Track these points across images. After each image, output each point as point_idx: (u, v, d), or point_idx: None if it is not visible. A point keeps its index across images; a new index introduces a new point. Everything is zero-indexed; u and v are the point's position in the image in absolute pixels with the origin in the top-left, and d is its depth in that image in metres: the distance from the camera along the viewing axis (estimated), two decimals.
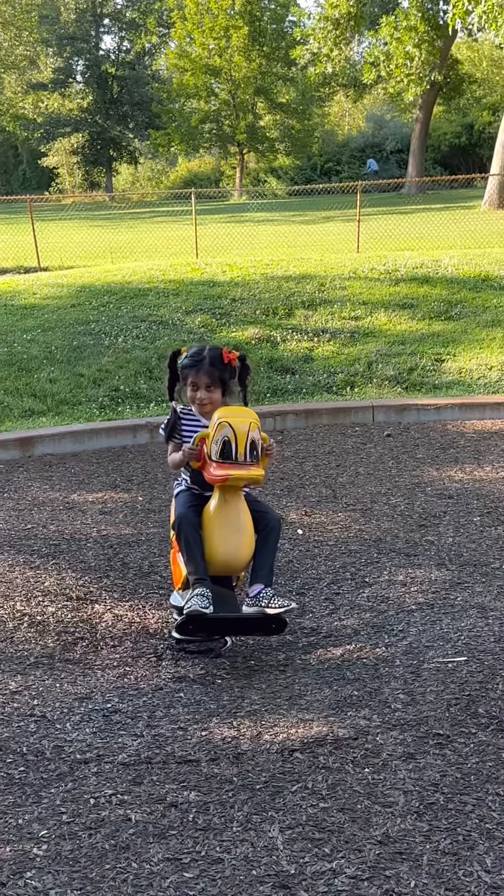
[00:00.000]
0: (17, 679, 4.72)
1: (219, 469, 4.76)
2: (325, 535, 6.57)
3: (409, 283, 13.42)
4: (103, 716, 4.36)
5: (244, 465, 4.77)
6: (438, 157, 55.03)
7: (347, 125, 68.90)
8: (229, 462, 4.76)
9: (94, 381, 10.36)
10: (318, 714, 4.28)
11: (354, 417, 9.49)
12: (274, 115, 59.58)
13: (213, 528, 4.86)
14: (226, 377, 5.11)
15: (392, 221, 24.86)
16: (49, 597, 5.67)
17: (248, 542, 4.88)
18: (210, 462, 4.82)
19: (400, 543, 6.36)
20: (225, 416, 4.79)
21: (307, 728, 4.16)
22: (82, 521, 6.97)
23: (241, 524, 4.86)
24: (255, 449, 4.81)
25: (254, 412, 4.95)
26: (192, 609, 4.70)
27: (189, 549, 4.85)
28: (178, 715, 4.35)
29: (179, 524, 4.88)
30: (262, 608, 4.84)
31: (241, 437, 4.75)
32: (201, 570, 4.83)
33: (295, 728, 4.17)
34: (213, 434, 4.78)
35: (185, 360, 5.14)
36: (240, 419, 4.79)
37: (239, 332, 11.65)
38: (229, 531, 4.84)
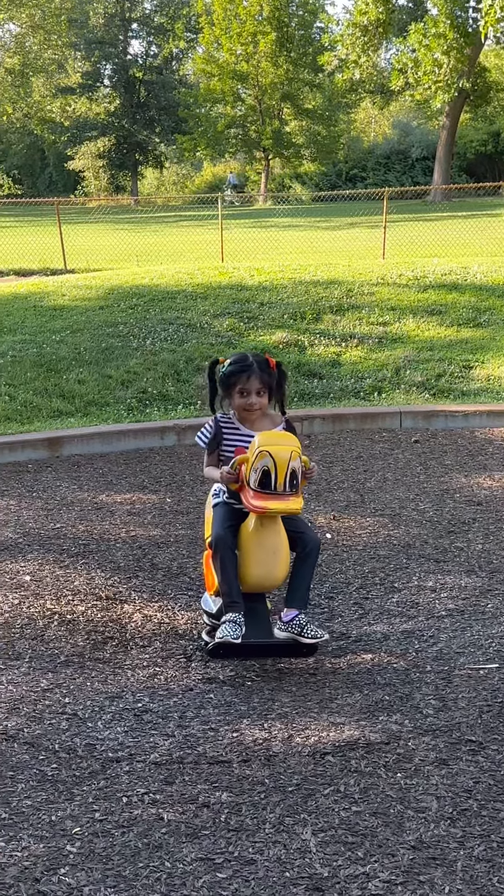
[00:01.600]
0: (49, 677, 4.74)
1: (257, 499, 4.70)
2: (354, 540, 6.56)
3: (438, 290, 13.39)
4: (134, 715, 4.37)
5: (283, 496, 4.70)
6: (464, 164, 54.94)
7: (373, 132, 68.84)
8: (268, 492, 4.70)
9: (122, 382, 10.39)
10: (349, 718, 4.28)
11: (382, 423, 9.48)
12: (300, 121, 59.63)
13: (249, 550, 4.83)
14: (272, 382, 5.10)
15: (417, 229, 24.84)
16: (79, 596, 5.69)
17: (282, 565, 4.86)
18: (248, 489, 4.78)
19: (429, 549, 6.35)
20: (265, 445, 4.71)
21: (338, 732, 4.16)
22: (111, 522, 6.98)
23: (276, 547, 4.83)
24: (296, 478, 4.74)
25: (295, 439, 4.88)
26: (224, 639, 4.72)
27: (224, 571, 4.84)
28: (209, 716, 4.35)
29: (216, 545, 4.86)
30: (295, 636, 4.85)
31: (281, 467, 4.68)
32: (235, 593, 4.83)
33: (326, 731, 4.17)
34: (253, 461, 4.73)
35: (229, 367, 5.07)
36: (280, 448, 4.71)
37: (266, 336, 11.65)
38: (264, 554, 4.82)
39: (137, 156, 68.25)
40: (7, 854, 3.38)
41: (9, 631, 5.24)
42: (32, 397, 9.97)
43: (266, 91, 56.66)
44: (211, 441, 5.16)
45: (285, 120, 59.90)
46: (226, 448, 5.13)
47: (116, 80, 67.65)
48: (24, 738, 4.15)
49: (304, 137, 59.45)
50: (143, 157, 69.12)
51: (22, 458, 8.70)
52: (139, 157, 68.67)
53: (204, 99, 58.45)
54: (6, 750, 4.06)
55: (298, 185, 57.43)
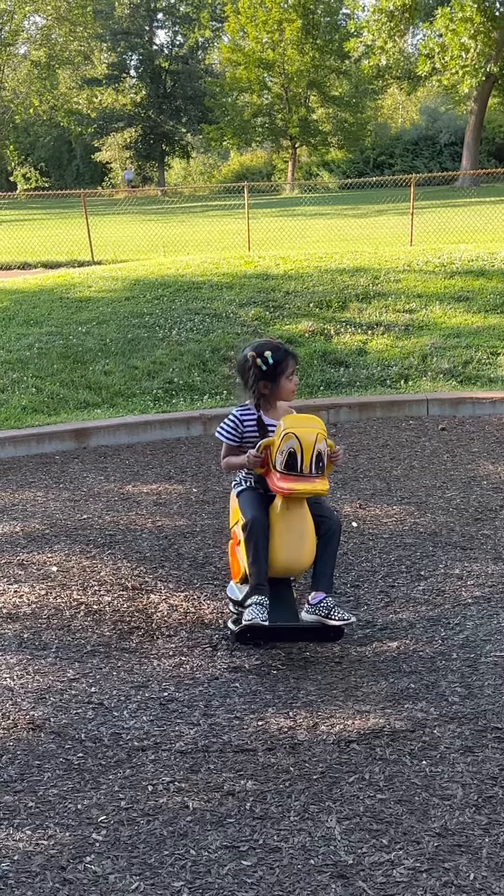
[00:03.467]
0: (75, 667, 4.76)
1: (283, 481, 4.72)
2: (380, 528, 6.55)
3: (465, 276, 13.31)
4: (160, 704, 4.39)
5: (309, 477, 4.72)
6: (493, 149, 54.59)
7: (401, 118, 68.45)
8: (294, 475, 4.72)
9: (149, 373, 10.40)
10: (375, 706, 4.28)
11: (408, 411, 9.44)
12: (327, 109, 59.45)
13: (276, 534, 4.84)
14: None
15: (446, 214, 24.70)
16: (105, 586, 5.71)
17: (309, 548, 4.87)
18: (275, 472, 4.79)
19: (456, 537, 6.33)
20: (291, 427, 4.73)
21: (364, 720, 4.16)
22: (137, 512, 7.00)
23: (303, 531, 4.84)
24: (321, 461, 4.77)
25: (320, 421, 4.89)
26: (252, 621, 4.72)
27: (257, 555, 4.83)
28: (234, 705, 4.36)
29: (252, 527, 4.84)
30: (322, 618, 4.85)
31: (307, 449, 4.70)
32: (263, 576, 4.83)
33: (351, 719, 4.16)
34: (279, 444, 4.74)
35: (278, 353, 5.03)
36: (306, 430, 4.73)
37: (292, 325, 11.63)
38: (292, 537, 4.83)
39: (164, 146, 68.34)
40: (33, 842, 3.41)
41: (36, 621, 5.27)
42: (59, 389, 10.01)
43: (292, 79, 56.53)
44: (234, 436, 5.16)
45: (312, 107, 59.73)
46: (249, 439, 5.13)
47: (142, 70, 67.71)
48: (50, 728, 4.17)
49: (330, 125, 59.30)
50: (170, 147, 69.18)
51: (49, 449, 8.73)
52: (166, 147, 68.74)
53: (230, 88, 58.43)
54: (33, 739, 4.09)
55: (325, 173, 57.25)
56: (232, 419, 5.19)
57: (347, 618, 4.85)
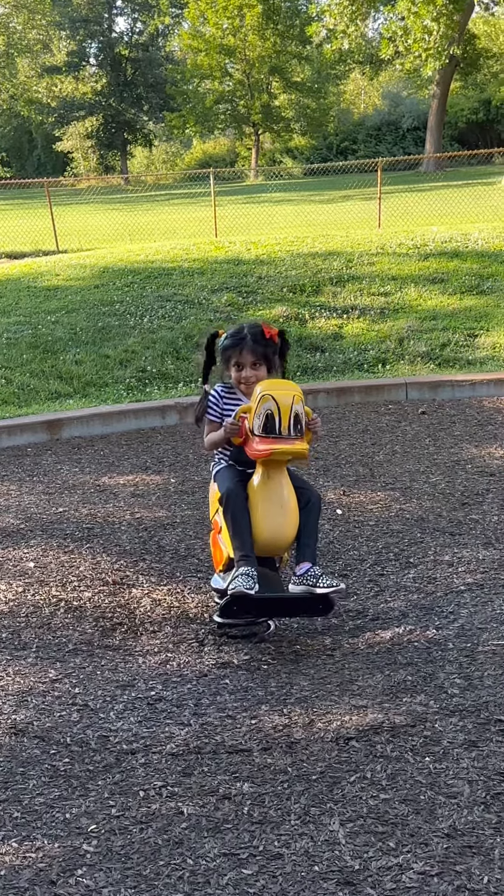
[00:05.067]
0: (57, 667, 4.57)
1: (262, 443, 4.58)
2: (366, 515, 6.38)
3: (439, 258, 13.16)
4: (147, 704, 4.21)
5: (288, 438, 4.58)
6: (455, 133, 54.48)
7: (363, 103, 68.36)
8: (273, 436, 4.57)
9: (121, 361, 10.18)
10: (372, 700, 4.11)
11: (387, 395, 9.29)
12: (289, 95, 59.27)
13: (257, 506, 4.68)
14: (269, 353, 4.96)
15: (412, 199, 24.54)
16: (85, 582, 5.52)
17: (292, 520, 4.70)
18: (253, 437, 4.63)
19: (443, 522, 6.18)
20: (267, 389, 4.60)
21: (361, 715, 3.99)
22: (114, 504, 6.81)
23: (285, 501, 4.68)
24: (300, 423, 4.62)
25: (296, 385, 4.76)
26: (236, 589, 4.52)
27: (236, 525, 4.67)
28: (226, 702, 4.19)
29: (227, 499, 4.69)
30: (309, 587, 4.66)
31: (284, 410, 4.56)
32: (248, 547, 4.66)
33: (348, 715, 4.00)
34: (256, 407, 4.60)
35: (225, 340, 4.99)
36: (283, 392, 4.60)
37: (266, 311, 11.44)
38: (273, 509, 4.66)
39: (126, 135, 67.81)
40: (21, 855, 3.22)
41: (14, 620, 5.07)
42: (29, 379, 9.77)
43: (254, 65, 56.26)
44: (215, 412, 5.01)
45: (274, 94, 59.53)
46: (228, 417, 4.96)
47: (102, 58, 67.13)
48: (34, 732, 3.98)
49: (293, 111, 59.11)
50: (132, 135, 68.66)
51: (21, 441, 8.51)
52: (128, 136, 68.21)
53: (191, 75, 58.06)
54: (16, 745, 3.90)
55: (289, 160, 57.06)
56: (213, 394, 5.04)
57: (336, 584, 4.66)
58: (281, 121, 58.36)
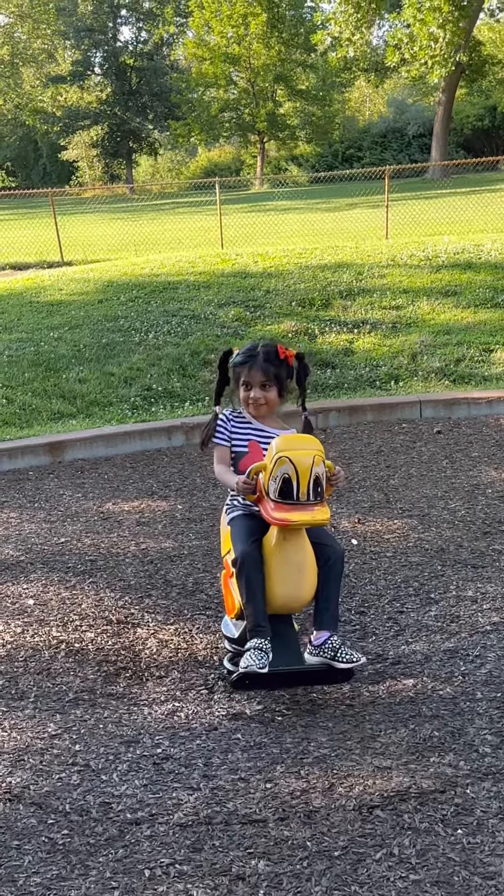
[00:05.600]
0: (57, 720, 4.26)
1: (278, 511, 4.19)
2: (382, 546, 6.06)
3: (451, 270, 12.83)
4: (153, 763, 3.89)
5: (307, 505, 4.19)
6: (461, 140, 54.28)
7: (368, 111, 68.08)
8: (290, 503, 4.19)
9: (125, 380, 9.86)
10: (396, 760, 3.79)
11: (401, 413, 8.95)
12: (294, 103, 59.04)
13: (272, 567, 4.32)
14: (282, 374, 4.62)
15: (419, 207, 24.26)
16: (87, 620, 5.21)
17: (309, 582, 4.34)
18: (268, 500, 4.27)
19: (465, 554, 5.85)
20: (284, 450, 4.19)
21: (385, 778, 3.67)
22: (119, 534, 6.49)
23: (302, 563, 4.31)
24: (320, 485, 4.23)
25: (317, 440, 4.33)
26: (248, 668, 4.21)
27: (250, 592, 4.32)
28: (238, 762, 3.87)
29: (242, 563, 4.33)
30: (328, 661, 4.34)
31: (303, 474, 4.16)
32: (261, 615, 4.32)
33: (371, 778, 3.67)
34: (271, 469, 4.21)
35: (236, 357, 4.67)
36: (301, 452, 4.19)
37: (274, 326, 11.12)
38: (289, 571, 4.30)
39: (131, 143, 67.67)
40: None
41: (12, 665, 4.76)
42: (31, 399, 9.46)
43: (259, 73, 56.03)
44: (223, 435, 4.69)
45: (279, 102, 59.29)
46: (238, 443, 4.66)
47: (107, 67, 66.96)
48: (30, 798, 3.67)
49: (298, 119, 58.88)
50: (137, 144, 68.51)
51: (22, 465, 8.19)
52: (133, 144, 68.06)
53: (196, 83, 57.83)
54: (10, 813, 3.58)
55: (294, 168, 56.83)
56: (221, 416, 4.72)
57: (356, 658, 4.34)
58: (286, 128, 58.13)
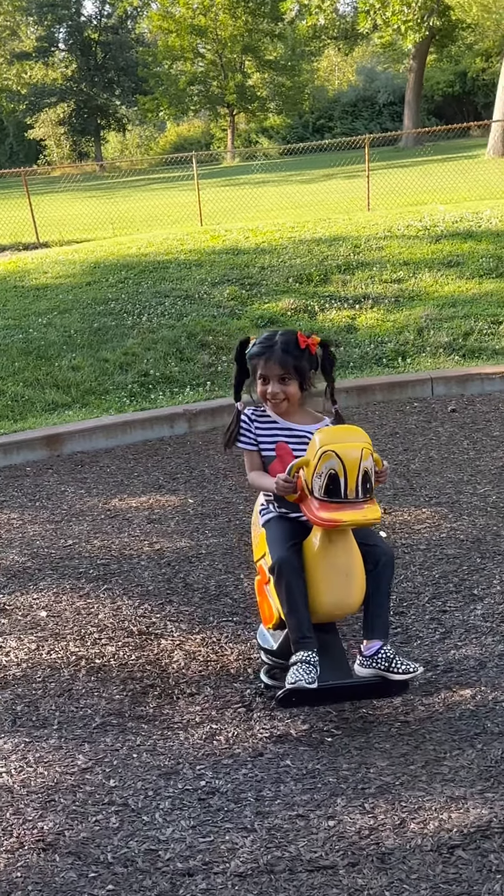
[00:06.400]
0: (86, 750, 3.87)
1: (325, 510, 3.79)
2: (414, 538, 5.68)
3: (451, 240, 12.41)
4: (198, 799, 3.51)
5: (356, 503, 3.79)
6: (432, 107, 53.77)
7: (338, 80, 67.33)
8: (337, 502, 3.78)
9: (121, 366, 9.41)
10: (469, 788, 3.42)
11: (412, 392, 8.57)
12: (263, 74, 58.31)
13: (316, 573, 3.92)
14: (303, 366, 4.17)
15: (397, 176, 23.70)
16: (106, 633, 4.82)
17: (358, 587, 3.94)
18: (312, 499, 3.86)
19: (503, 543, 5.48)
20: (329, 443, 3.79)
21: (461, 811, 3.30)
22: (129, 534, 6.08)
23: (350, 567, 3.91)
24: (368, 481, 3.82)
25: (363, 432, 3.93)
26: (296, 684, 3.82)
27: (292, 601, 3.93)
28: (292, 795, 3.49)
29: (279, 570, 3.94)
30: (381, 672, 3.95)
31: (351, 469, 3.76)
32: (306, 626, 3.93)
33: (446, 811, 3.31)
34: (316, 465, 3.81)
35: (252, 348, 4.24)
36: (348, 445, 3.79)
37: (272, 304, 10.69)
38: (336, 576, 3.90)
39: (99, 120, 66.75)
40: None
41: (30, 687, 4.36)
42: (23, 390, 8.99)
43: (226, 44, 55.30)
44: (249, 438, 4.27)
45: (247, 73, 58.53)
46: (265, 445, 4.24)
47: (72, 43, 65.92)
48: (66, 846, 3.28)
49: (267, 90, 58.16)
50: (105, 121, 67.61)
51: (18, 460, 7.76)
52: (101, 121, 67.14)
53: (163, 57, 57.02)
54: (46, 865, 3.20)
55: (265, 140, 56.17)
56: (244, 418, 4.29)
57: (413, 669, 3.96)
58: (255, 100, 57.41)
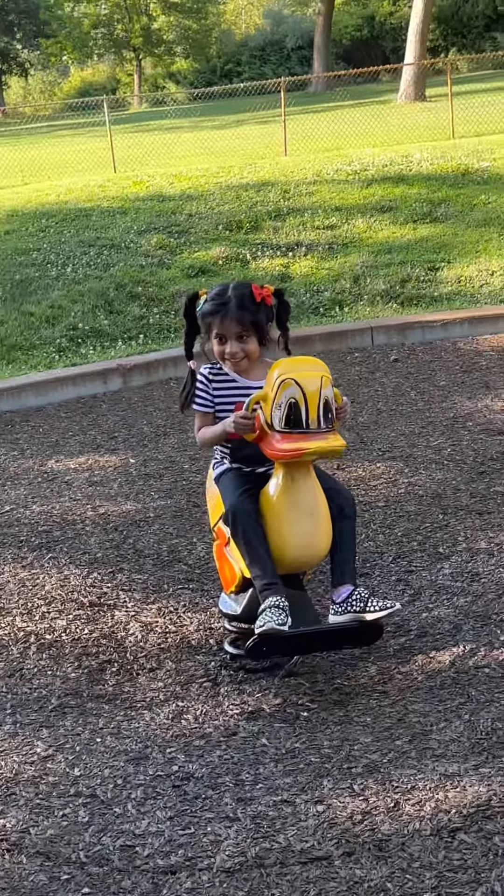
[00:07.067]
0: (44, 735, 3.59)
1: (286, 441, 3.58)
2: (371, 494, 5.46)
3: (383, 184, 12.14)
4: (173, 786, 3.27)
5: (319, 433, 3.60)
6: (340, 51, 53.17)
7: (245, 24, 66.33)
8: (299, 431, 3.58)
9: (47, 319, 8.99)
10: (462, 763, 3.22)
11: (351, 342, 8.33)
12: (168, 17, 57.12)
13: (280, 517, 3.70)
14: (260, 320, 3.89)
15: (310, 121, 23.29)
16: (55, 605, 4.54)
17: (325, 530, 3.74)
18: (272, 433, 3.63)
19: (464, 497, 5.30)
20: (288, 372, 3.59)
21: (458, 790, 3.10)
22: (70, 497, 5.77)
23: (315, 507, 3.71)
24: (330, 410, 3.63)
25: (321, 362, 3.75)
26: (266, 627, 3.56)
27: (251, 548, 3.70)
28: (273, 777, 3.26)
29: (233, 517, 3.71)
30: (357, 614, 3.72)
31: (311, 397, 3.56)
32: (270, 572, 3.69)
33: (441, 790, 3.10)
34: (275, 395, 3.59)
35: (204, 304, 3.93)
36: (308, 374, 3.60)
37: (202, 252, 10.34)
38: (300, 518, 3.69)
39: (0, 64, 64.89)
40: None
41: None
42: None
43: None
44: (205, 399, 3.98)
45: (153, 16, 57.28)
46: (222, 406, 3.96)
47: None
48: (32, 846, 3.02)
49: (174, 33, 57.02)
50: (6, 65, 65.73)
51: None
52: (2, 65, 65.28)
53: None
54: (13, 867, 2.93)
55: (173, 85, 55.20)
56: (200, 377, 4.00)
57: (390, 605, 3.73)
58: (162, 44, 56.29)
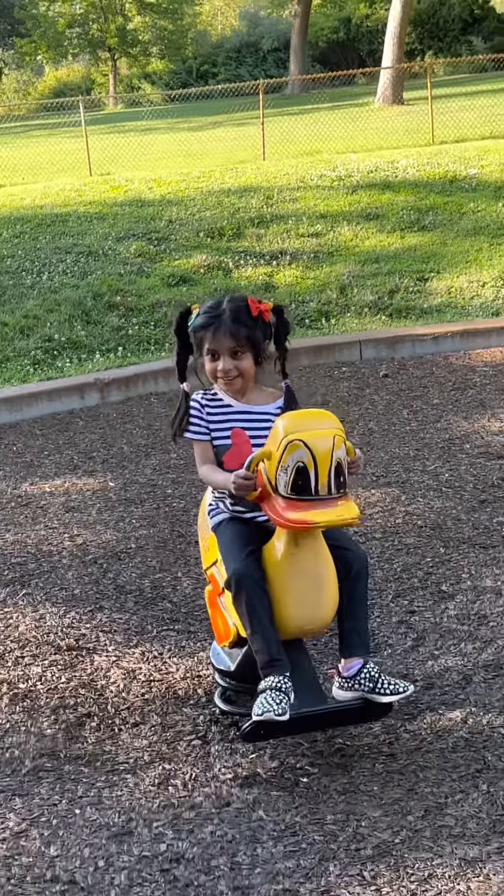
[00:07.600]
0: (17, 806, 3.24)
1: (293, 510, 3.17)
2: (367, 525, 5.14)
3: (368, 191, 11.83)
4: (161, 871, 2.92)
5: (329, 500, 3.18)
6: (316, 53, 52.95)
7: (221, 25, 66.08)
8: (308, 499, 3.18)
9: (21, 330, 8.62)
10: (484, 846, 2.90)
11: (339, 355, 8.01)
12: (144, 18, 56.85)
13: (282, 583, 3.31)
14: (256, 336, 3.54)
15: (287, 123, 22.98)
16: (29, 649, 4.19)
17: (331, 598, 3.35)
18: (277, 497, 3.24)
19: (467, 529, 4.98)
20: (295, 431, 3.18)
21: (481, 878, 2.77)
22: (46, 525, 5.41)
23: (320, 574, 3.32)
24: (342, 474, 3.22)
25: (333, 416, 3.32)
26: (266, 718, 3.21)
27: (256, 621, 3.31)
28: (273, 859, 2.93)
29: (237, 585, 3.32)
30: (366, 694, 3.37)
31: (322, 460, 3.15)
32: (274, 647, 3.32)
33: (462, 880, 2.78)
34: (280, 457, 3.19)
35: (196, 319, 3.58)
36: (317, 432, 3.18)
37: (183, 260, 9.99)
38: (305, 584, 3.30)
39: None
40: None
41: None
42: None
43: None
44: (200, 426, 3.61)
45: (128, 16, 56.99)
46: (218, 434, 3.60)
47: None
48: None
49: (150, 34, 56.77)
50: None
51: None
52: None
53: None
54: None
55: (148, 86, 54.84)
56: (193, 402, 3.64)
57: (403, 689, 3.38)
58: (137, 44, 55.99)
